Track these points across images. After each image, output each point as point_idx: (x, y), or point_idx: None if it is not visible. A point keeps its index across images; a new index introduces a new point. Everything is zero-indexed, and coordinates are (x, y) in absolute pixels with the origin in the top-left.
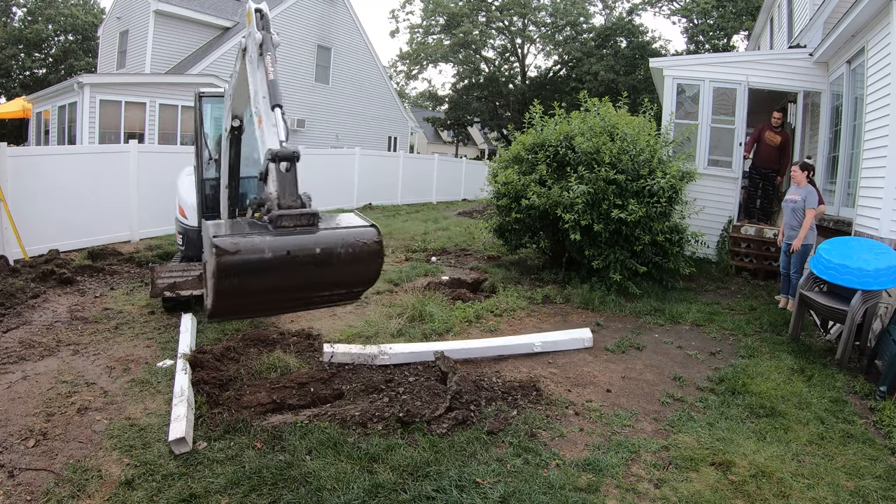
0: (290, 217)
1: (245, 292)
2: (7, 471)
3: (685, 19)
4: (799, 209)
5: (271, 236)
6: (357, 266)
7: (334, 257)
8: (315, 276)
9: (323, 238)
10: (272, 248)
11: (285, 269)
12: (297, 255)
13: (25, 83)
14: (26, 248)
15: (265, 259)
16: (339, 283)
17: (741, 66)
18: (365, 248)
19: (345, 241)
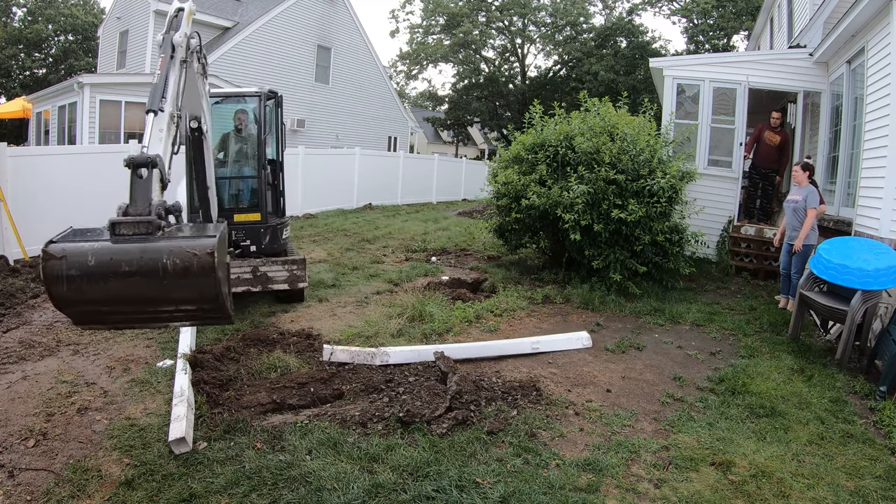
0: (126, 224)
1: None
2: (7, 471)
3: (685, 19)
4: (800, 209)
5: (100, 243)
6: (188, 280)
7: (160, 269)
8: (143, 288)
9: (150, 248)
10: (96, 255)
11: (109, 277)
12: (120, 264)
13: (25, 83)
14: (26, 248)
15: (88, 266)
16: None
17: (741, 66)
18: (194, 259)
19: (172, 251)
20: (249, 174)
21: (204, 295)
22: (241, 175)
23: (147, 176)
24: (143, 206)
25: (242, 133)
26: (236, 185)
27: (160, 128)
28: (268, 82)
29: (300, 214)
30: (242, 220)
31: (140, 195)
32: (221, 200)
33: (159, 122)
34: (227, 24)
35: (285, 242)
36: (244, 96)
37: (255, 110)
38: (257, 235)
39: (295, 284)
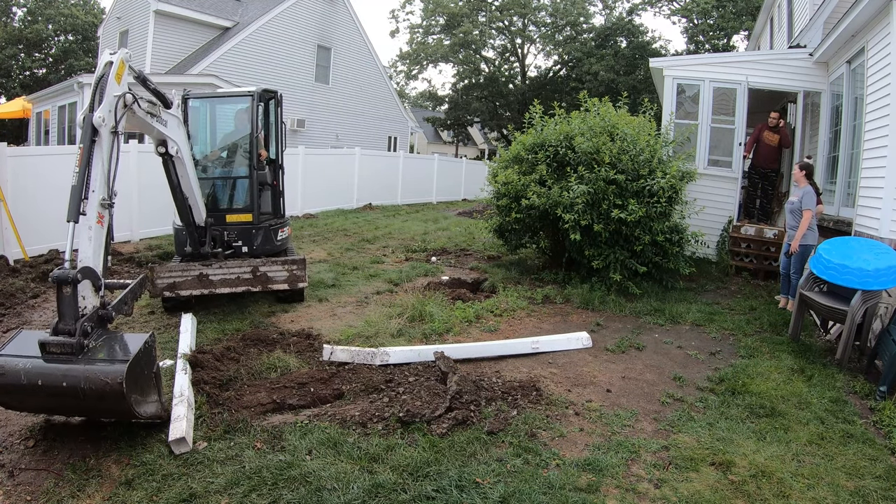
0: (54, 344)
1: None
2: (7, 471)
3: (685, 19)
4: (797, 210)
5: (33, 363)
6: (103, 402)
7: (80, 392)
8: (68, 405)
9: (71, 373)
10: (28, 375)
11: (39, 394)
12: (45, 385)
13: (25, 83)
14: (26, 247)
15: (21, 384)
16: (94, 412)
17: (741, 66)
18: (106, 387)
19: (88, 378)
20: (242, 175)
21: (116, 412)
22: (233, 176)
23: (72, 291)
24: (70, 322)
25: (236, 133)
26: (229, 185)
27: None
28: (268, 82)
29: (300, 214)
30: (234, 221)
31: (66, 311)
32: (216, 201)
33: (86, 226)
34: (227, 24)
35: (284, 242)
36: (237, 96)
37: (247, 110)
38: (249, 236)
39: (295, 284)
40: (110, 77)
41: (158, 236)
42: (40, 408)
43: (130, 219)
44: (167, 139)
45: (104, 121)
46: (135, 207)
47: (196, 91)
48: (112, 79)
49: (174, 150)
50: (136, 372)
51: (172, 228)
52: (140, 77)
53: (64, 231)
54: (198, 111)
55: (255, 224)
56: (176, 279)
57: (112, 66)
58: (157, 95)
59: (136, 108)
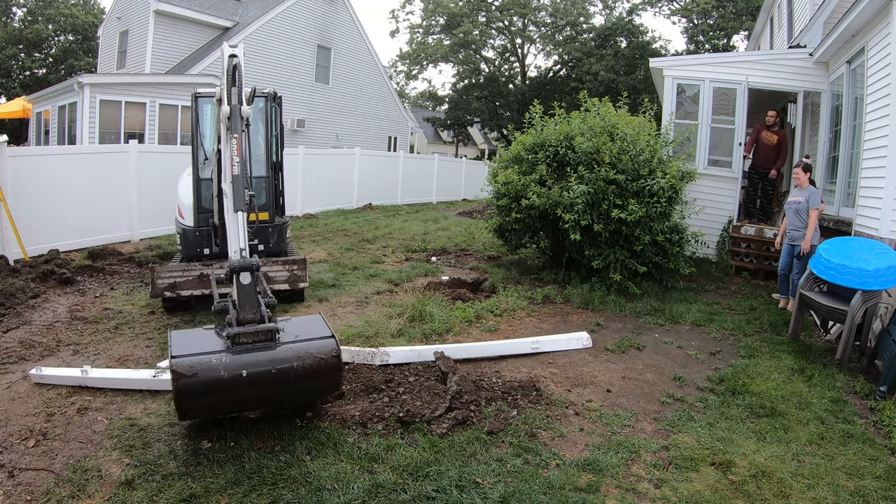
0: (248, 334)
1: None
2: (7, 471)
3: (685, 19)
4: (802, 210)
5: (228, 356)
6: (315, 381)
7: (291, 374)
8: (272, 391)
9: (279, 356)
10: (229, 369)
11: (242, 387)
12: (252, 375)
13: (25, 83)
14: (26, 248)
15: (221, 379)
16: (298, 396)
17: (741, 66)
18: (322, 363)
19: (300, 357)
20: (259, 174)
21: (328, 390)
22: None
23: (251, 280)
24: (253, 310)
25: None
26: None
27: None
28: (268, 82)
29: (300, 214)
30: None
31: (248, 300)
32: None
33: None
34: (227, 24)
35: (287, 242)
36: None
37: (262, 110)
38: (265, 235)
39: (295, 284)
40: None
41: (158, 236)
42: (238, 404)
43: (130, 219)
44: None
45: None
46: (135, 207)
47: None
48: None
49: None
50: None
51: (179, 229)
52: None
53: (64, 231)
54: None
55: (271, 223)
56: (176, 279)
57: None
58: None
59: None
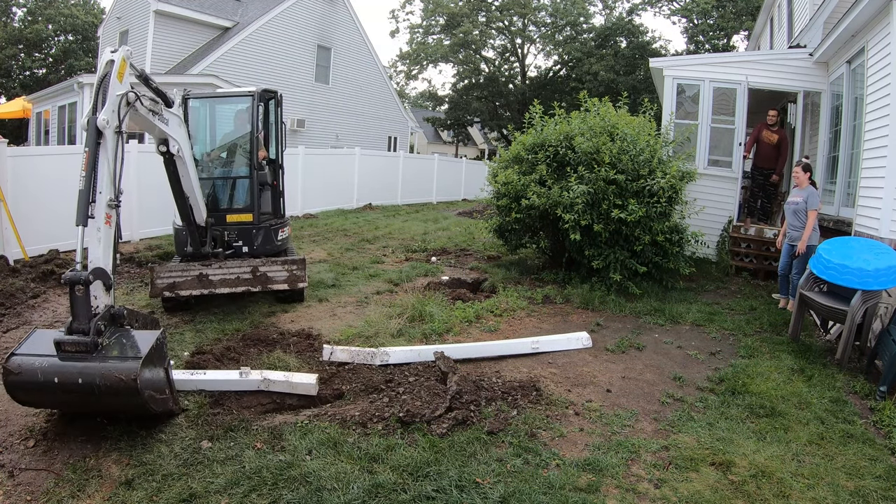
0: (69, 343)
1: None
2: (7, 471)
3: (685, 19)
4: (801, 210)
5: (49, 361)
6: (118, 398)
7: (95, 388)
8: (84, 401)
9: (87, 370)
10: (44, 374)
11: (56, 391)
12: (62, 383)
13: (25, 83)
14: (26, 247)
15: (38, 381)
16: (109, 408)
17: (741, 66)
18: (121, 384)
19: (103, 375)
20: (242, 175)
21: (131, 407)
22: (233, 176)
23: (83, 292)
24: (84, 322)
25: (236, 133)
26: (229, 185)
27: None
28: (268, 82)
29: (300, 214)
30: (235, 221)
31: (80, 311)
32: (217, 201)
33: (94, 228)
34: (227, 24)
35: (284, 242)
36: (237, 96)
37: (248, 110)
38: (249, 236)
39: (295, 284)
40: (112, 76)
41: (158, 236)
42: (57, 404)
43: (130, 219)
44: (169, 138)
45: (108, 122)
46: (134, 207)
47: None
48: (114, 78)
49: (175, 148)
50: (149, 368)
51: (172, 228)
52: (142, 76)
53: (64, 231)
54: (198, 111)
55: (255, 224)
56: (176, 279)
57: (114, 65)
58: (158, 94)
59: (139, 106)
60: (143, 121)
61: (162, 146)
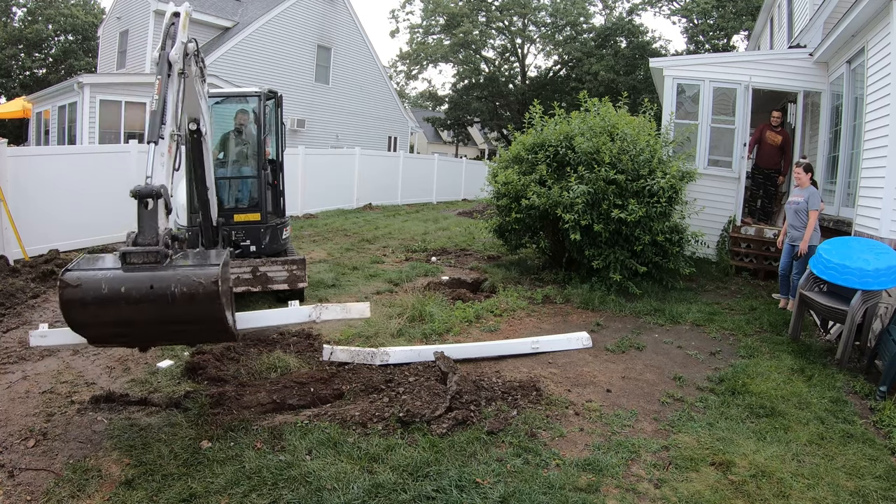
0: (137, 254)
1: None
2: (7, 471)
3: (685, 19)
4: (802, 210)
5: (112, 272)
6: (192, 307)
7: (169, 296)
8: (151, 313)
9: (158, 276)
10: (110, 284)
11: (121, 303)
12: (131, 292)
13: (25, 83)
14: (26, 248)
15: (101, 293)
16: (176, 321)
17: (741, 66)
18: (199, 287)
19: (180, 280)
20: (249, 174)
21: (208, 318)
22: (241, 175)
23: (153, 206)
24: (151, 235)
25: (243, 133)
26: (236, 185)
27: (161, 153)
28: (268, 82)
29: (300, 214)
30: (242, 220)
31: (147, 225)
32: (221, 200)
33: (160, 150)
34: (227, 24)
35: (286, 242)
36: (244, 96)
37: (254, 110)
38: (257, 235)
39: (295, 284)
40: (179, 25)
41: None
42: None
43: (130, 219)
44: (201, 116)
45: (176, 59)
46: (134, 207)
47: None
48: (181, 27)
49: (204, 129)
50: (224, 279)
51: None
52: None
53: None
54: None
55: (262, 223)
56: None
57: (180, 17)
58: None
59: (193, 65)
60: (190, 85)
61: (192, 124)
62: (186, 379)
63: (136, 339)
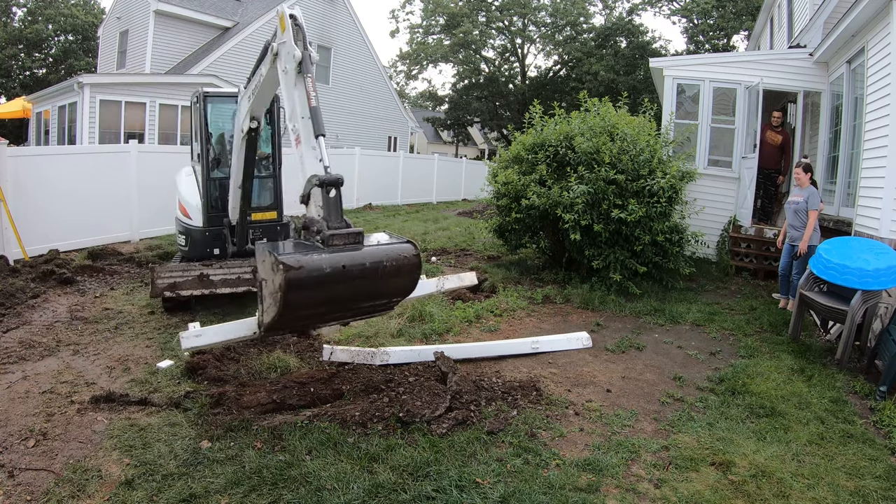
0: (340, 236)
1: (306, 304)
2: (7, 471)
3: (685, 19)
4: (801, 210)
5: (327, 253)
6: (399, 278)
7: (381, 270)
8: (364, 288)
9: (371, 253)
10: (330, 264)
11: (340, 281)
12: (350, 269)
13: (25, 83)
14: (26, 248)
15: (324, 273)
16: (383, 294)
17: (741, 66)
18: (405, 261)
19: (389, 255)
20: (266, 174)
21: (408, 288)
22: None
23: (335, 193)
24: (339, 220)
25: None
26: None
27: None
28: None
29: (300, 214)
30: (260, 219)
31: (335, 210)
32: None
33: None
34: (227, 24)
35: None
36: None
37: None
38: (274, 233)
39: None
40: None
41: (158, 236)
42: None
43: (130, 219)
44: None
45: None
46: (135, 207)
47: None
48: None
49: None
50: None
51: (181, 228)
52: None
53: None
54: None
55: (279, 221)
56: (176, 279)
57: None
58: None
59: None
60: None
61: (253, 122)
62: (186, 379)
63: (330, 317)
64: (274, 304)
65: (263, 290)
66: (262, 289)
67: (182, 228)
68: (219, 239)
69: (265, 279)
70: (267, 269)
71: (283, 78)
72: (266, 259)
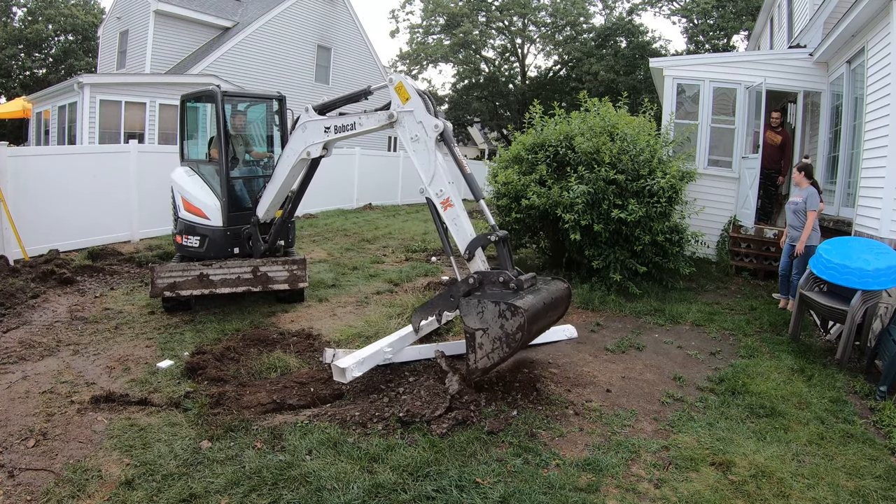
0: (528, 280)
1: (528, 337)
2: (7, 471)
3: (685, 19)
4: (801, 210)
5: (530, 295)
6: (561, 307)
7: (557, 302)
8: (547, 317)
9: (549, 291)
10: (542, 302)
11: (543, 314)
12: (548, 304)
13: (25, 83)
14: (26, 248)
15: (538, 309)
16: (552, 321)
17: (741, 66)
18: (565, 293)
19: (559, 290)
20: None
21: (562, 313)
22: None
23: (507, 247)
24: (513, 267)
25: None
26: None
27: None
28: (268, 82)
29: (300, 214)
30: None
31: (509, 260)
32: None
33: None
34: (227, 24)
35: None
36: (269, 98)
37: (277, 112)
38: (285, 231)
39: (295, 284)
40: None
41: (158, 236)
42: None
43: (130, 219)
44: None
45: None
46: (135, 207)
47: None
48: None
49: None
50: None
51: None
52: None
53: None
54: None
55: (288, 219)
56: (176, 279)
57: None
58: None
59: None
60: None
61: (324, 151)
62: (186, 379)
63: (527, 341)
64: (505, 345)
65: (479, 338)
66: (474, 339)
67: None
68: (238, 238)
69: (484, 328)
70: (489, 318)
71: (411, 145)
72: (487, 309)
